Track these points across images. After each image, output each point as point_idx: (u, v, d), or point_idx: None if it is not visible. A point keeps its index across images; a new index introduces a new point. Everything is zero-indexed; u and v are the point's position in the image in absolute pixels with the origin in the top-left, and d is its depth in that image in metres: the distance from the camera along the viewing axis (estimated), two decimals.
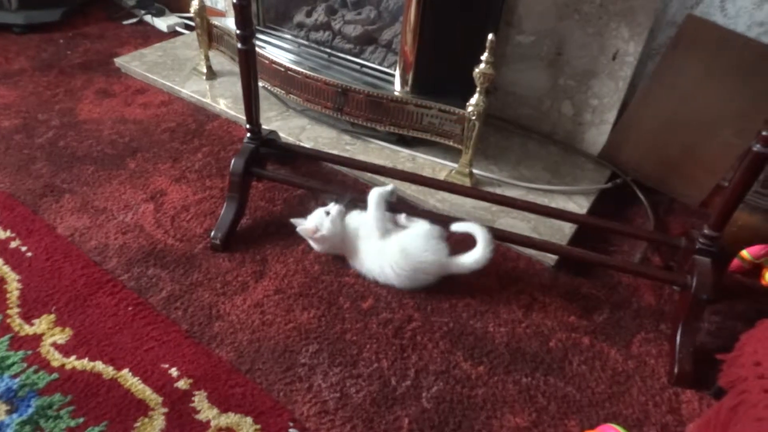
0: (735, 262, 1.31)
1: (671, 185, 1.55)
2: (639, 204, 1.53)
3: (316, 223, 1.21)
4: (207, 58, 1.85)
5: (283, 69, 1.60)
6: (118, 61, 1.95)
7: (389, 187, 1.24)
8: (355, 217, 1.24)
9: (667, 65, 1.43)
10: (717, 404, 0.84)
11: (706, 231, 1.10)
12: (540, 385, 1.07)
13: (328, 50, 1.65)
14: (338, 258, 1.27)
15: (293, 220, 1.24)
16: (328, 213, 1.21)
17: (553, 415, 1.02)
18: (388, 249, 1.19)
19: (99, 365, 1.03)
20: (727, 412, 0.77)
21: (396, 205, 1.27)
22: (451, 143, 1.47)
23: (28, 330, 1.07)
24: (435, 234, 1.19)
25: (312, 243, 1.25)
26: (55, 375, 1.00)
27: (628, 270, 1.27)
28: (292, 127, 1.66)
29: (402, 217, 1.27)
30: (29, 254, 1.23)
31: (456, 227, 1.19)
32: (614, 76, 1.49)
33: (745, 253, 1.30)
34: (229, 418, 0.96)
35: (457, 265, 1.19)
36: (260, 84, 1.60)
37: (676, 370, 1.08)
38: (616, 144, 1.58)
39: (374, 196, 1.21)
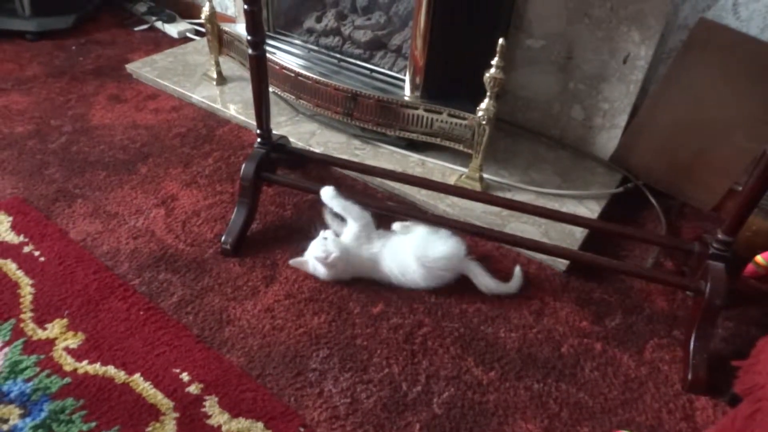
0: (749, 268, 1.30)
1: (683, 189, 1.53)
2: (650, 208, 1.52)
3: (324, 249, 1.17)
4: (217, 64, 1.86)
5: (293, 74, 1.61)
6: (130, 67, 1.97)
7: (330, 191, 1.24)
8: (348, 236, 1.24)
9: (679, 68, 1.43)
10: (732, 411, 0.83)
11: (719, 236, 1.09)
12: (552, 391, 1.06)
13: (338, 55, 1.66)
14: None
15: (292, 262, 1.24)
16: (326, 239, 1.19)
17: (565, 422, 1.01)
18: (402, 247, 1.21)
19: (111, 370, 1.03)
20: (743, 420, 0.76)
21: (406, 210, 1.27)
22: (461, 148, 1.47)
23: (40, 334, 1.08)
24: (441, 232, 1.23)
25: (322, 270, 1.21)
26: (67, 379, 1.01)
27: (640, 275, 1.26)
28: (302, 132, 1.67)
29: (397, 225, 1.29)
30: (42, 259, 1.24)
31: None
32: (625, 79, 1.48)
33: (759, 258, 1.28)
34: (240, 423, 0.96)
35: (473, 272, 1.22)
36: (270, 89, 1.61)
37: (690, 376, 1.07)
38: (627, 148, 1.57)
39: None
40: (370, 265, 1.22)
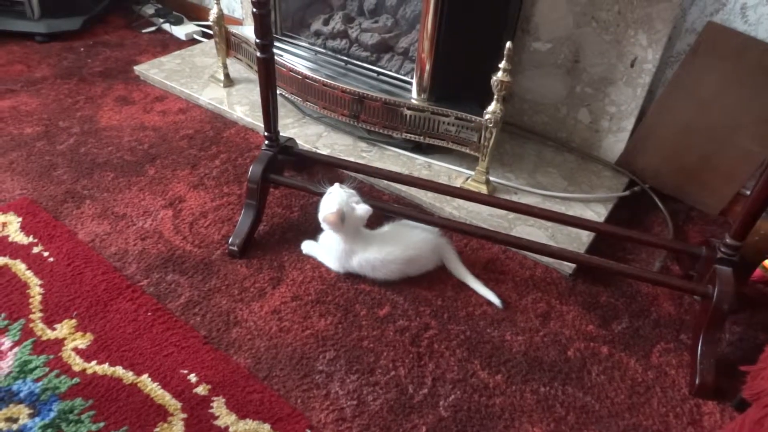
0: (757, 272, 1.29)
1: (690, 193, 1.53)
2: (657, 212, 1.52)
3: (344, 201, 1.19)
4: (225, 66, 1.87)
5: (300, 77, 1.61)
6: (138, 68, 1.98)
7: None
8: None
9: (687, 72, 1.42)
10: (740, 417, 0.82)
11: (727, 240, 1.09)
12: (558, 394, 1.06)
13: (345, 58, 1.66)
14: None
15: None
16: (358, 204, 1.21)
17: (571, 426, 1.01)
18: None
19: (119, 370, 1.04)
20: (751, 425, 0.76)
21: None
22: (467, 151, 1.47)
23: (50, 335, 1.09)
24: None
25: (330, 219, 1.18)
26: (76, 379, 1.01)
27: (647, 279, 1.25)
28: (308, 134, 1.67)
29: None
30: (51, 260, 1.24)
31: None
32: (632, 83, 1.48)
33: (767, 262, 1.28)
34: (247, 425, 0.97)
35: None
36: (278, 91, 1.62)
37: (697, 380, 1.06)
38: (634, 151, 1.57)
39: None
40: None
